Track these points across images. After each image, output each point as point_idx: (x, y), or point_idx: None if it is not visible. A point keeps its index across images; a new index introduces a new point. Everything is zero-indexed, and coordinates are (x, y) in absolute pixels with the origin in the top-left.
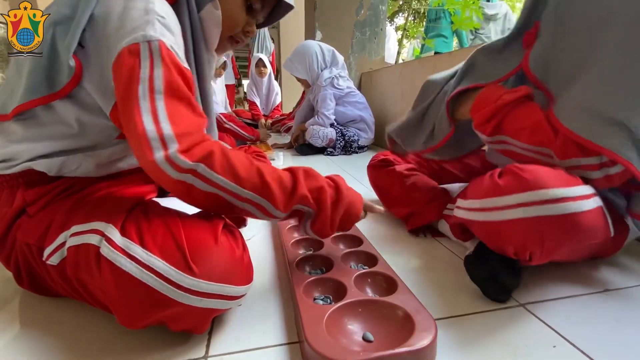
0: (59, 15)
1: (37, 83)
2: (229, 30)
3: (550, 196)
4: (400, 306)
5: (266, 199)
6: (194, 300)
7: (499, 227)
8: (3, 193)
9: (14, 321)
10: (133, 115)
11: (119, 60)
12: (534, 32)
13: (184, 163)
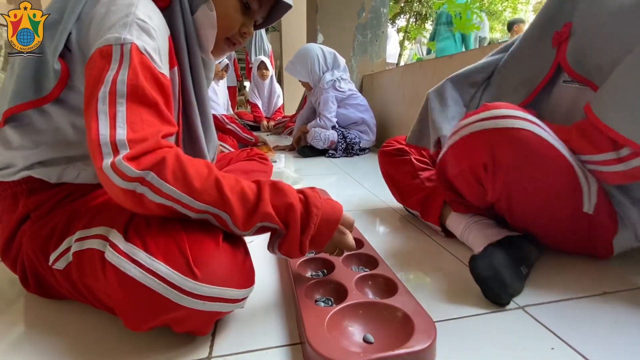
0: (48, 19)
1: (25, 87)
2: (225, 31)
3: (502, 113)
4: (400, 308)
5: (225, 212)
6: (197, 303)
7: (463, 142)
8: (7, 200)
9: (20, 323)
10: (90, 118)
11: (90, 61)
12: (565, 31)
13: (129, 171)
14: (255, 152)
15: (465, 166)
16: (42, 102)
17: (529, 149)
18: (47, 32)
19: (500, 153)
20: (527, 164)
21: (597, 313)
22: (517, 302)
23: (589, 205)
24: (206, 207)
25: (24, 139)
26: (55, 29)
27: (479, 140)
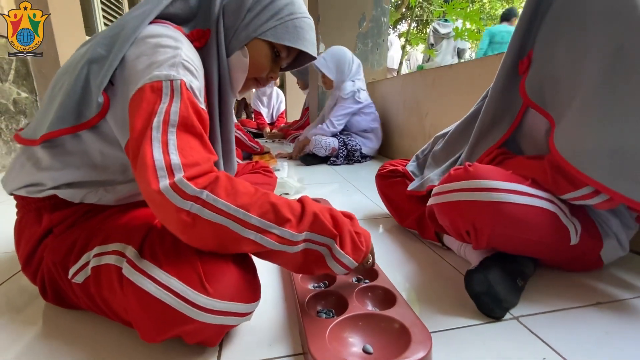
0: (95, 54)
1: (67, 113)
2: (255, 74)
3: (482, 185)
4: (397, 320)
5: (276, 223)
6: (208, 317)
7: (447, 207)
8: (31, 214)
9: (38, 332)
10: (144, 145)
11: (139, 94)
12: (526, 60)
13: (189, 189)
14: (260, 165)
15: (450, 226)
16: (80, 129)
17: (513, 220)
18: (94, 66)
19: (484, 224)
20: (512, 230)
21: (589, 323)
22: (512, 312)
23: (575, 239)
24: (257, 220)
25: (53, 160)
26: (102, 64)
27: (462, 210)
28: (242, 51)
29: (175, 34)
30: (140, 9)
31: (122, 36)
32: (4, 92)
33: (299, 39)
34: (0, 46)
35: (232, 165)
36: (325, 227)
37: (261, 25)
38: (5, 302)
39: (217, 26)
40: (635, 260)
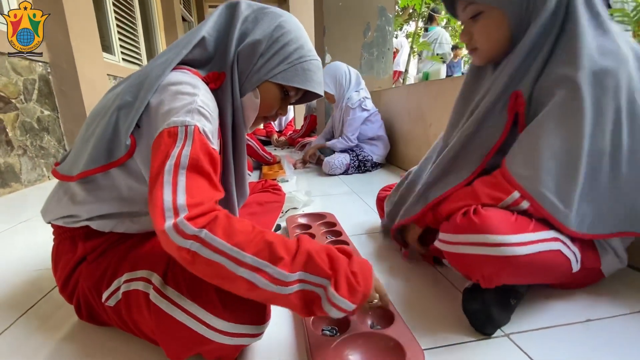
0: (123, 101)
1: (100, 154)
2: (265, 112)
3: (490, 240)
4: (394, 338)
5: (269, 261)
6: (226, 339)
7: (456, 258)
8: (67, 242)
9: (73, 346)
10: (156, 187)
11: (159, 139)
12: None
13: (188, 229)
14: (269, 184)
15: (461, 273)
16: (111, 167)
17: (522, 269)
18: (122, 112)
19: (494, 274)
20: (521, 276)
21: (576, 341)
22: (504, 329)
23: (577, 266)
24: (251, 259)
25: (87, 195)
26: (129, 110)
27: (472, 262)
28: (254, 92)
29: (194, 80)
30: (163, 57)
31: (146, 84)
32: (28, 111)
33: (307, 81)
34: (24, 67)
35: (244, 192)
36: (320, 267)
37: (272, 69)
38: (45, 316)
39: (232, 70)
40: (631, 275)
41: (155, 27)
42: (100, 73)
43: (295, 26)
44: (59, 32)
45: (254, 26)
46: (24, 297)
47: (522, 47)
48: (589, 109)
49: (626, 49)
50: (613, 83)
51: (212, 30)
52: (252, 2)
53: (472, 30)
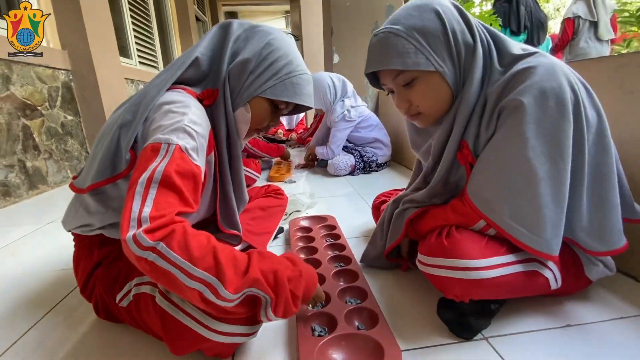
0: (124, 120)
1: (105, 168)
2: (257, 125)
3: (457, 264)
4: (374, 339)
5: (217, 278)
6: (221, 338)
7: (431, 278)
8: (84, 248)
9: (92, 340)
10: (128, 197)
11: (143, 152)
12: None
13: (145, 241)
14: (272, 189)
15: (438, 289)
16: (116, 178)
17: (492, 290)
18: (123, 130)
19: (465, 294)
20: (492, 295)
21: (552, 346)
22: (483, 332)
23: (555, 284)
24: (201, 274)
25: (98, 205)
26: (129, 128)
27: (443, 283)
28: (245, 107)
29: (186, 98)
30: (160, 77)
31: (143, 104)
32: (53, 117)
33: (295, 95)
34: (48, 76)
35: (243, 197)
36: (264, 288)
37: (261, 85)
38: (68, 313)
39: (224, 87)
40: (619, 280)
41: (170, 29)
42: (118, 77)
43: (284, 43)
44: (79, 41)
45: (244, 45)
46: (52, 294)
47: (467, 101)
48: (533, 138)
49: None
50: (556, 103)
51: (205, 50)
52: (243, 21)
53: (410, 97)
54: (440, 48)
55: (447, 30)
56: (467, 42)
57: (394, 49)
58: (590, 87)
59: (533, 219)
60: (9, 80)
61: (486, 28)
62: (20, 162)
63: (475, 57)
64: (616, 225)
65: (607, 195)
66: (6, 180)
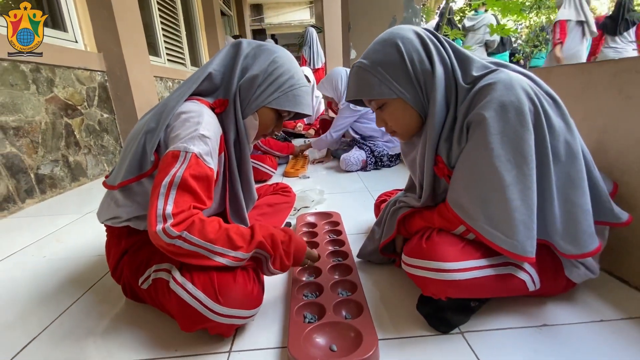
0: (149, 127)
1: (133, 168)
2: (263, 131)
3: (432, 265)
4: (355, 327)
5: (232, 249)
6: (221, 319)
7: (411, 277)
8: (114, 238)
9: (122, 316)
10: (153, 196)
11: (165, 157)
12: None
13: (172, 232)
14: (280, 187)
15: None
16: (142, 177)
17: (465, 290)
18: (148, 135)
19: (440, 293)
20: (467, 295)
21: (524, 343)
22: (461, 327)
23: (533, 286)
24: (219, 249)
25: (126, 200)
26: (153, 134)
27: (420, 283)
28: (254, 116)
29: (200, 108)
30: (178, 90)
31: (165, 113)
32: (91, 115)
33: (296, 104)
34: (86, 77)
35: (252, 196)
36: (265, 248)
37: (267, 97)
38: (103, 293)
39: (235, 99)
40: (611, 285)
41: (196, 25)
42: (148, 76)
43: (287, 60)
44: (112, 44)
45: (253, 61)
46: (90, 276)
47: (433, 122)
48: (498, 147)
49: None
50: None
51: (217, 66)
52: (251, 40)
53: (384, 118)
54: (400, 77)
55: (406, 61)
56: (425, 69)
57: (362, 82)
58: (558, 98)
59: (506, 222)
60: (52, 83)
61: (454, 50)
62: (64, 157)
63: (435, 80)
64: (587, 229)
65: (577, 200)
66: (52, 173)
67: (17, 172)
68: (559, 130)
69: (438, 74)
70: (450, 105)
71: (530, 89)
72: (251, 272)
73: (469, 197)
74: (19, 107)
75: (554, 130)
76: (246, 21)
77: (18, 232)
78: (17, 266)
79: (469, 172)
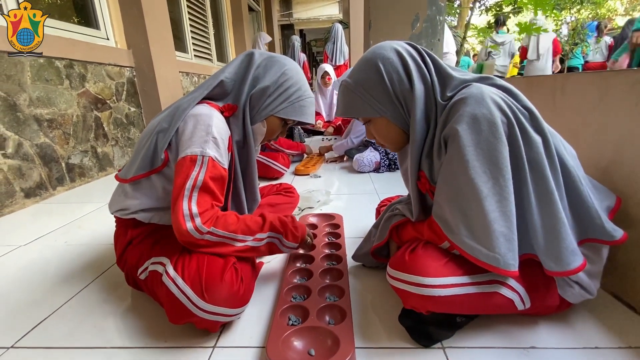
0: (161, 127)
1: (145, 164)
2: (270, 136)
3: (415, 281)
4: (334, 333)
5: (250, 235)
6: (205, 315)
7: (393, 288)
8: (121, 228)
9: (124, 303)
10: (179, 198)
11: (182, 160)
12: (424, 180)
13: (204, 229)
14: (283, 187)
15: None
16: (152, 173)
17: (445, 306)
18: (160, 135)
19: (421, 307)
20: (447, 310)
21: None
22: (443, 342)
23: (522, 305)
24: (241, 237)
25: (134, 193)
26: (165, 133)
27: (402, 295)
28: (262, 123)
29: (210, 111)
30: (192, 94)
31: (176, 115)
32: (119, 109)
33: (302, 114)
34: (116, 73)
35: (255, 197)
36: (276, 229)
37: (277, 106)
38: (113, 279)
39: (245, 106)
40: (617, 310)
41: (224, 20)
42: (173, 72)
43: (295, 72)
44: (141, 41)
45: (264, 72)
46: (103, 262)
47: (413, 138)
48: (473, 159)
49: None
50: (487, 125)
51: (230, 74)
52: (263, 52)
53: (372, 132)
54: (381, 96)
55: (385, 81)
56: (404, 88)
57: (348, 101)
58: (535, 112)
59: (486, 235)
60: (84, 79)
61: (436, 67)
62: (93, 148)
63: (415, 98)
64: (570, 245)
65: (558, 215)
66: (82, 163)
67: (49, 161)
68: (535, 142)
69: (417, 92)
70: (430, 122)
71: (503, 101)
72: (239, 273)
73: (450, 210)
74: (53, 101)
75: (530, 142)
76: (274, 16)
77: (47, 218)
78: (40, 250)
79: (448, 186)
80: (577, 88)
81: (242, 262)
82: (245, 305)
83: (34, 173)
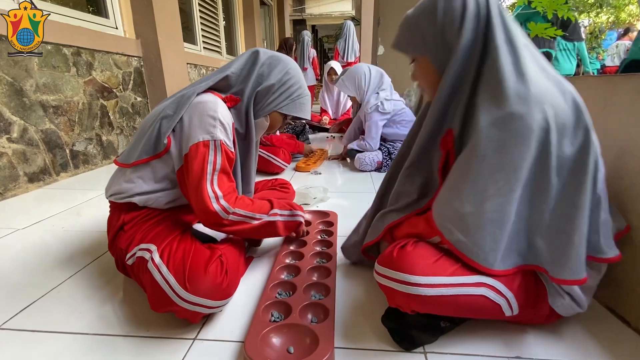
0: (165, 113)
1: (148, 149)
2: (270, 130)
3: (402, 278)
4: (314, 332)
5: (264, 213)
6: (186, 305)
7: (379, 285)
8: (115, 213)
9: (112, 286)
10: (202, 182)
11: (196, 147)
12: (450, 138)
13: (230, 208)
14: (278, 182)
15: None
16: (153, 158)
17: (430, 306)
18: (164, 121)
19: (406, 306)
20: (433, 311)
21: None
22: (425, 347)
23: (510, 311)
24: (259, 215)
25: (134, 176)
26: (169, 120)
27: (388, 293)
28: (265, 118)
29: (216, 99)
30: (195, 85)
31: (182, 102)
32: (125, 98)
33: (301, 111)
34: (123, 62)
35: (249, 187)
36: (285, 207)
37: (279, 103)
38: (102, 268)
39: (249, 101)
40: (610, 323)
41: (235, 14)
42: (181, 63)
43: (296, 72)
44: (149, 32)
45: (268, 70)
46: (98, 248)
47: (442, 86)
48: (491, 156)
49: (542, 90)
50: (520, 127)
51: (236, 69)
52: (267, 50)
53: (415, 72)
54: (429, 35)
55: (437, 20)
56: (453, 32)
57: (400, 35)
58: (590, 129)
59: (475, 230)
60: (91, 67)
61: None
62: (97, 136)
63: (458, 47)
64: (582, 255)
65: (581, 227)
66: (86, 150)
67: (54, 147)
68: (567, 155)
69: (463, 41)
70: (467, 77)
71: (552, 109)
72: (225, 266)
73: (451, 200)
74: (60, 88)
75: (562, 153)
76: (286, 11)
77: (49, 203)
78: (38, 234)
79: (458, 174)
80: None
81: (231, 254)
82: (229, 299)
83: (38, 158)
